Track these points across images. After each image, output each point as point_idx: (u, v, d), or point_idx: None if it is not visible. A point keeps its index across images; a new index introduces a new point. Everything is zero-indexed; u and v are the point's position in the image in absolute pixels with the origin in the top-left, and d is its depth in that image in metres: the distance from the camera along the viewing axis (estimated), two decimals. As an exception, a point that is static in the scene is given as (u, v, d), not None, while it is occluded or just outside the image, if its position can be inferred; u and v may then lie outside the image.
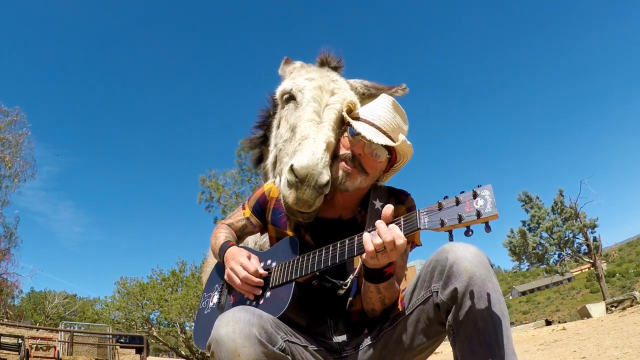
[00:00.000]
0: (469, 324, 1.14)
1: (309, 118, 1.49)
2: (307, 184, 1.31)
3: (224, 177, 17.90)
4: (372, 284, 1.29)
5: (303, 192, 1.32)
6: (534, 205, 24.05)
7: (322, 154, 1.35)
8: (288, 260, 1.37)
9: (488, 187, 1.03)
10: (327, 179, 1.32)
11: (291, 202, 1.35)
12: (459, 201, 1.05)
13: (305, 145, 1.40)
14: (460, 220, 1.03)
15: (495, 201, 1.00)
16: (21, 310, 36.99)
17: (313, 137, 1.42)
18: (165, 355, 43.36)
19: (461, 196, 1.06)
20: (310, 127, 1.46)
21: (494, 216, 0.99)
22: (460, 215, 1.03)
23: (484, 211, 1.00)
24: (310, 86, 1.60)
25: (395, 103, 1.45)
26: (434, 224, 1.08)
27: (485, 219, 1.00)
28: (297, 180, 1.31)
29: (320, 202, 1.38)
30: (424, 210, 1.13)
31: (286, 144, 1.63)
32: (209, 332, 1.34)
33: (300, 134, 1.47)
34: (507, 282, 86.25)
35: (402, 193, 1.53)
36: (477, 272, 1.15)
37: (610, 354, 4.65)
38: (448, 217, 1.06)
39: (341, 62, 1.80)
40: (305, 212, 1.37)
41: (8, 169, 18.95)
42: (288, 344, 1.18)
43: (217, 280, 1.58)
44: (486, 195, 1.01)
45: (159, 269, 22.50)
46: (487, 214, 0.99)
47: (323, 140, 1.40)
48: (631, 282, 57.83)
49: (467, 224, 1.03)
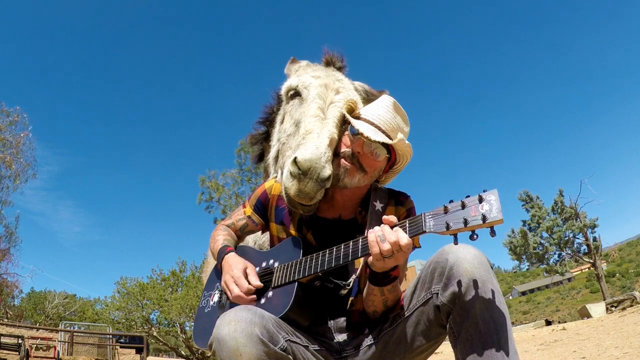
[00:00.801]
0: (470, 325, 1.14)
1: (313, 114, 1.52)
2: (309, 177, 1.33)
3: (224, 178, 17.88)
4: (376, 287, 1.29)
5: (305, 185, 1.33)
6: (534, 205, 24.03)
7: (325, 149, 1.37)
8: (291, 261, 1.37)
9: (494, 192, 1.03)
10: (329, 173, 1.34)
11: (293, 193, 1.37)
12: (465, 205, 1.06)
13: (309, 139, 1.42)
14: (465, 224, 1.04)
15: (500, 206, 1.01)
16: (21, 310, 36.95)
17: (317, 132, 1.44)
18: (165, 355, 43.35)
19: (467, 200, 1.06)
20: (314, 122, 1.49)
21: (499, 221, 1.00)
22: (466, 219, 1.04)
23: (489, 216, 1.01)
24: (316, 83, 1.63)
25: (396, 104, 1.46)
26: (439, 227, 1.09)
27: (490, 224, 1.01)
28: (300, 172, 1.33)
29: (320, 196, 1.39)
30: (430, 213, 1.13)
31: (289, 139, 1.65)
32: (209, 331, 1.34)
33: (304, 129, 1.49)
34: (507, 282, 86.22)
35: (402, 195, 1.54)
36: (477, 274, 1.15)
37: (610, 354, 4.65)
38: (453, 220, 1.06)
39: (344, 62, 1.82)
40: (307, 204, 1.39)
41: (9, 170, 18.96)
42: (289, 343, 1.18)
43: (217, 280, 1.58)
44: (492, 200, 1.02)
45: (159, 269, 22.50)
46: (493, 218, 1.00)
47: (327, 136, 1.42)
48: (631, 282, 57.79)
49: (472, 227, 1.04)
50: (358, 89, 1.84)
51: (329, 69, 1.79)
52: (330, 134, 1.44)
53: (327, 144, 1.39)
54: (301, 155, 1.33)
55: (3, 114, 18.92)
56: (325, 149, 1.37)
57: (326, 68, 1.80)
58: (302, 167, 1.32)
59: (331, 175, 1.36)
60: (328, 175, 1.34)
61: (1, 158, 18.71)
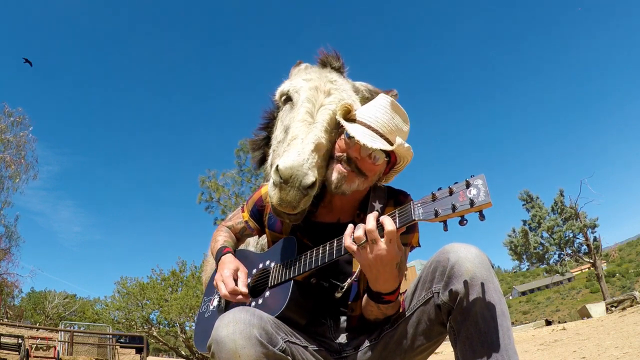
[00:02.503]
0: (470, 324, 1.14)
1: (301, 119, 1.46)
2: (291, 185, 1.28)
3: (224, 178, 17.91)
4: (373, 302, 1.28)
5: (287, 193, 1.29)
6: (535, 205, 24.04)
7: (309, 155, 1.32)
8: (286, 260, 1.37)
9: (481, 177, 1.03)
10: (312, 180, 1.29)
11: (275, 202, 1.33)
12: (453, 191, 1.05)
13: (293, 146, 1.37)
14: (454, 209, 1.03)
15: (488, 190, 1.00)
16: (21, 310, 36.94)
17: (302, 137, 1.39)
18: (165, 355, 43.37)
19: (454, 186, 1.06)
20: (300, 127, 1.43)
21: (488, 204, 0.99)
22: (454, 204, 1.03)
23: (477, 200, 1.00)
24: (306, 87, 1.57)
25: (394, 103, 1.41)
26: (428, 214, 1.08)
27: (478, 208, 1.00)
28: (282, 180, 1.29)
29: (306, 204, 1.35)
30: (418, 202, 1.12)
31: (279, 145, 1.61)
32: (209, 335, 1.33)
33: (291, 135, 1.44)
34: (507, 282, 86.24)
35: (402, 194, 1.51)
36: (478, 273, 1.15)
37: (610, 354, 4.65)
38: (442, 207, 1.05)
39: (341, 62, 1.73)
40: (291, 213, 1.35)
41: (9, 170, 18.95)
42: (288, 344, 1.18)
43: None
44: (479, 184, 1.01)
45: (159, 269, 22.56)
46: (481, 202, 0.99)
47: (312, 141, 1.36)
48: (631, 282, 57.81)
49: (460, 213, 1.03)
50: (360, 89, 1.77)
51: (325, 70, 1.71)
52: (317, 138, 1.38)
53: (312, 149, 1.34)
54: (282, 163, 1.29)
55: (5, 114, 18.95)
56: (309, 154, 1.32)
57: (322, 69, 1.71)
58: (283, 175, 1.28)
59: (316, 182, 1.31)
60: (311, 182, 1.29)
61: (1, 158, 18.71)
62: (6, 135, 18.78)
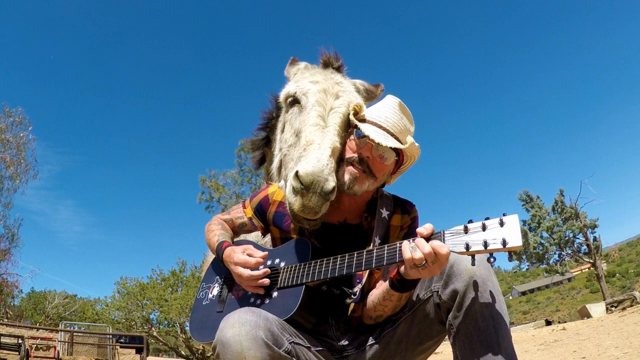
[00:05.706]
0: (469, 323, 1.15)
1: (313, 123, 1.46)
2: (312, 191, 1.28)
3: (224, 178, 17.92)
4: (397, 293, 1.26)
5: (309, 199, 1.28)
6: (535, 205, 24.05)
7: (328, 160, 1.32)
8: (299, 263, 1.36)
9: (514, 217, 1.04)
10: (333, 186, 1.29)
11: (297, 209, 1.32)
12: (486, 227, 1.06)
13: (310, 151, 1.37)
14: (485, 246, 1.04)
15: (520, 231, 1.02)
16: (21, 310, 37.00)
17: (318, 142, 1.39)
18: (165, 355, 43.36)
19: (488, 222, 1.06)
20: (315, 132, 1.43)
21: (518, 247, 1.01)
22: (486, 241, 1.04)
23: (509, 241, 1.01)
24: (314, 89, 1.58)
25: (401, 104, 1.44)
26: (458, 247, 1.08)
27: (509, 249, 1.02)
28: (303, 187, 1.28)
29: (326, 209, 1.35)
30: (450, 231, 1.12)
31: (291, 149, 1.60)
32: (206, 324, 1.31)
33: (305, 139, 1.44)
34: (507, 282, 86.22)
35: (408, 203, 1.53)
36: (477, 272, 1.16)
37: (610, 354, 4.66)
38: (473, 241, 1.06)
39: (341, 61, 1.76)
40: (312, 219, 1.35)
41: (9, 170, 18.96)
42: (293, 345, 1.18)
43: (217, 273, 1.56)
44: (512, 224, 1.03)
45: (159, 269, 22.52)
46: (512, 244, 1.01)
47: (328, 146, 1.37)
48: (631, 282, 57.77)
49: (491, 251, 1.04)
50: (359, 88, 1.79)
51: (327, 70, 1.73)
52: (332, 143, 1.39)
53: (329, 155, 1.34)
54: (303, 169, 1.28)
55: (5, 114, 18.95)
56: (328, 160, 1.32)
57: (324, 70, 1.74)
58: (304, 182, 1.27)
59: (335, 187, 1.31)
60: (332, 187, 1.29)
61: (2, 158, 18.72)
62: (6, 135, 18.78)
